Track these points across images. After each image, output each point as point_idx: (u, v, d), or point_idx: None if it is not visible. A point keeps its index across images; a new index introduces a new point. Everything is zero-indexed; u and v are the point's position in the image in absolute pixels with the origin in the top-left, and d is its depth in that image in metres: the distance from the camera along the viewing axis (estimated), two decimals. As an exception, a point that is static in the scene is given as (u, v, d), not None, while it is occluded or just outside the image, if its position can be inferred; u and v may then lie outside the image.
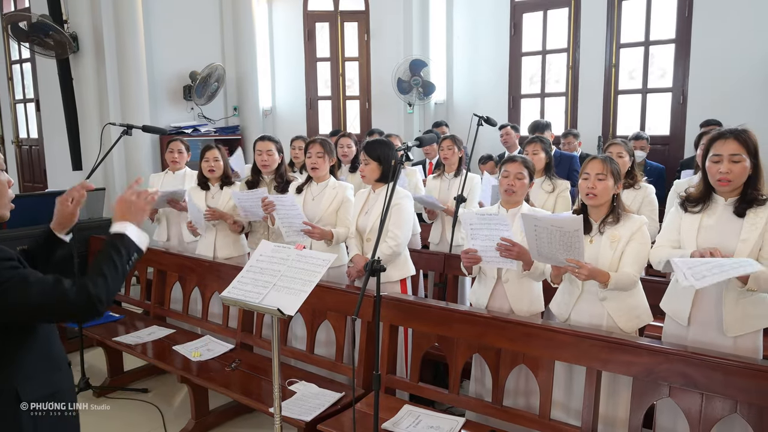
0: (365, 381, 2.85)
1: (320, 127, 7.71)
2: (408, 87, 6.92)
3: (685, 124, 6.01)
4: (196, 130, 6.90)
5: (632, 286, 2.44)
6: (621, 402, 2.39)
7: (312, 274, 2.24)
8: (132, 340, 3.63)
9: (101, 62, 6.34)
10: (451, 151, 4.15)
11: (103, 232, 4.86)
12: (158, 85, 6.76)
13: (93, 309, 1.48)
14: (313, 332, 3.17)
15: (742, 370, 2.00)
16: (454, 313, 2.69)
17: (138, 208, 1.69)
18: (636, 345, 2.23)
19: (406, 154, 2.40)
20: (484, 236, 2.64)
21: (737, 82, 5.59)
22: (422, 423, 2.48)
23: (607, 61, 6.41)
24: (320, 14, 7.57)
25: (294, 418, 2.57)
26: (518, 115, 7.04)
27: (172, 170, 4.28)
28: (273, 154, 3.73)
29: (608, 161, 2.50)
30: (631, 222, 2.47)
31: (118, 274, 1.55)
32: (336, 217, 3.38)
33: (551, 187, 3.71)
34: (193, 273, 3.83)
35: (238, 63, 7.42)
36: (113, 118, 6.12)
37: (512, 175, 2.77)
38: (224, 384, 3.02)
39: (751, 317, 2.22)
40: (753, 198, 2.19)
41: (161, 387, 3.85)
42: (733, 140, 2.17)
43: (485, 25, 7.13)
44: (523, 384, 2.70)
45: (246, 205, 3.57)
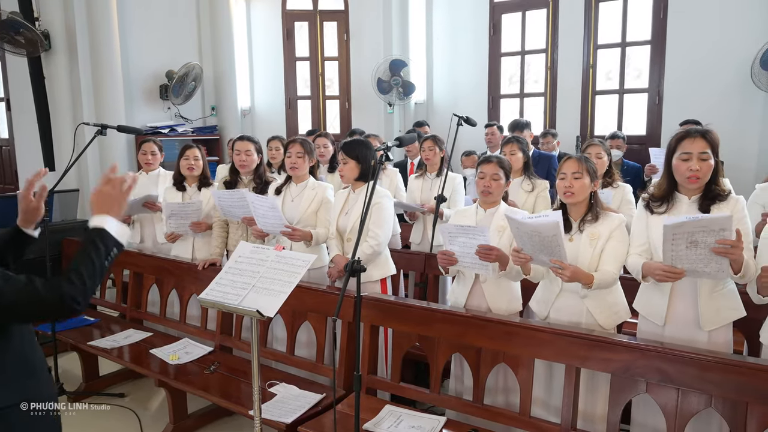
0: (346, 382, 2.84)
1: (300, 127, 7.67)
2: (388, 87, 6.92)
3: (660, 123, 6.11)
4: (173, 130, 6.81)
5: (613, 283, 2.47)
6: (600, 398, 2.42)
7: (292, 275, 2.22)
8: (108, 344, 3.56)
9: (74, 61, 6.22)
10: (433, 151, 4.16)
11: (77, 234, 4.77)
12: (134, 85, 6.66)
13: (67, 308, 1.43)
14: (294, 333, 3.15)
15: (716, 365, 2.03)
16: (435, 312, 2.69)
17: (116, 198, 1.60)
18: (613, 342, 2.26)
19: (385, 153, 2.39)
20: (461, 243, 2.66)
21: (711, 82, 5.71)
22: (403, 423, 2.48)
23: (585, 62, 6.50)
24: (299, 13, 7.53)
25: (274, 420, 2.54)
26: (497, 115, 7.08)
27: (145, 171, 4.21)
28: (252, 155, 3.69)
29: (583, 160, 2.53)
30: (610, 220, 2.50)
31: (95, 272, 1.49)
32: (316, 218, 3.36)
33: (531, 187, 3.74)
34: (170, 275, 3.78)
35: (215, 62, 7.35)
36: (87, 118, 6.01)
37: (488, 176, 2.79)
38: (203, 387, 2.98)
39: (724, 309, 2.27)
40: (716, 194, 2.26)
41: (138, 391, 3.78)
42: (701, 139, 2.24)
43: (465, 25, 7.16)
44: (503, 382, 2.71)
45: (225, 204, 3.53)
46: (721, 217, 2.02)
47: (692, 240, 2.04)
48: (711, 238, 2.02)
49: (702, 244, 2.04)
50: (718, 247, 2.02)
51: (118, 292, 4.21)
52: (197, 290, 3.31)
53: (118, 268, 4.20)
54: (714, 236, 2.01)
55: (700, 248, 2.05)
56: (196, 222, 3.71)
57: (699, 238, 2.03)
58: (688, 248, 2.06)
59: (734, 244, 2.00)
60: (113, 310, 4.34)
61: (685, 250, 2.07)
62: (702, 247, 2.04)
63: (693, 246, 2.05)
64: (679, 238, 2.06)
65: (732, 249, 2.01)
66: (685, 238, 2.05)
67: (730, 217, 2.02)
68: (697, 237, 2.03)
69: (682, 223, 2.03)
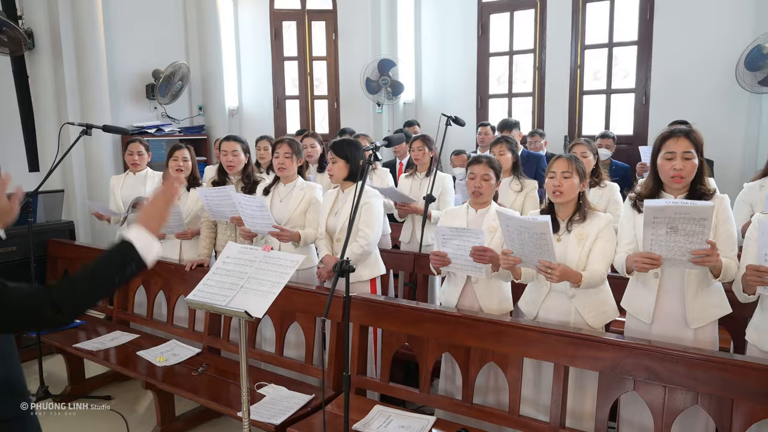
0: (335, 382, 2.83)
1: (288, 127, 7.63)
2: (377, 87, 6.91)
3: (647, 123, 6.16)
4: (159, 130, 6.74)
5: (601, 283, 2.48)
6: (588, 396, 2.43)
7: (280, 275, 2.21)
8: (94, 346, 3.52)
9: (58, 60, 6.13)
10: (422, 151, 4.16)
11: (62, 235, 4.72)
12: (119, 84, 6.57)
13: (48, 318, 1.33)
14: (282, 334, 3.13)
15: (702, 363, 2.05)
16: (424, 312, 2.69)
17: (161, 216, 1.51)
18: (601, 340, 2.27)
19: (374, 153, 2.39)
20: (455, 245, 2.66)
21: (697, 82, 5.76)
22: (393, 423, 2.48)
23: (573, 62, 6.53)
24: (287, 13, 7.50)
25: (263, 421, 2.53)
26: (486, 115, 7.10)
27: (132, 172, 4.17)
28: (239, 155, 3.66)
29: (573, 160, 2.54)
30: (598, 219, 2.51)
31: (96, 284, 1.38)
32: (305, 218, 3.34)
33: (519, 187, 3.75)
34: (157, 276, 3.74)
35: (203, 61, 7.28)
36: (72, 118, 5.91)
37: (478, 177, 2.79)
38: (191, 389, 2.96)
39: (710, 307, 2.30)
40: (701, 193, 2.28)
41: (125, 394, 3.75)
42: (685, 139, 2.27)
43: (453, 25, 7.17)
44: (494, 381, 2.72)
45: (213, 203, 3.50)
46: (703, 205, 2.04)
47: (672, 226, 2.07)
48: (691, 226, 2.04)
49: (682, 231, 2.06)
50: (695, 258, 2.07)
51: (104, 293, 4.16)
52: (185, 291, 3.28)
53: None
54: (694, 224, 2.04)
55: (679, 235, 2.07)
56: (181, 233, 3.70)
57: (679, 225, 2.06)
58: (668, 234, 2.08)
59: (709, 253, 2.05)
60: (99, 311, 4.29)
61: (665, 236, 2.09)
62: (682, 234, 2.06)
63: (673, 232, 2.07)
64: (660, 222, 2.08)
65: (707, 257, 2.06)
66: (666, 223, 2.07)
67: (712, 206, 2.04)
68: (678, 224, 2.06)
69: (664, 207, 2.05)
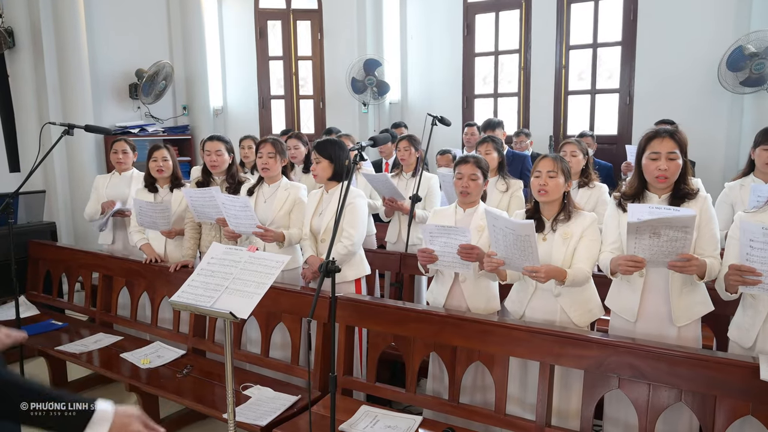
0: (322, 383, 2.82)
1: (273, 127, 7.59)
2: (362, 86, 6.90)
3: (631, 123, 6.21)
4: (143, 129, 6.67)
5: (586, 281, 2.49)
6: (573, 395, 2.44)
7: (265, 276, 2.19)
8: (77, 348, 3.47)
9: (39, 58, 6.03)
10: (408, 151, 4.15)
11: (43, 236, 4.65)
12: (102, 83, 6.49)
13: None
14: (268, 335, 3.12)
15: (685, 361, 2.08)
16: (410, 312, 2.69)
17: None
18: (586, 339, 2.28)
19: (360, 153, 2.38)
20: (442, 243, 2.66)
21: (680, 83, 5.83)
22: (379, 423, 2.47)
23: (558, 63, 6.57)
24: (272, 12, 7.46)
25: (249, 423, 2.51)
26: (472, 115, 7.12)
27: (118, 171, 4.13)
28: (222, 155, 3.63)
29: (559, 159, 2.55)
30: (582, 219, 2.53)
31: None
32: (289, 218, 3.33)
33: (505, 187, 3.76)
34: (141, 277, 3.70)
35: (187, 61, 7.21)
36: (53, 117, 5.83)
37: (466, 177, 2.80)
38: (176, 391, 2.93)
39: (695, 305, 2.33)
40: (685, 193, 2.30)
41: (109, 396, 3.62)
42: (669, 139, 2.28)
43: (439, 25, 7.18)
44: (481, 380, 2.73)
45: (198, 204, 3.47)
46: (684, 215, 2.07)
47: (655, 231, 2.10)
48: (674, 232, 2.08)
49: (665, 237, 2.09)
50: (676, 266, 2.12)
51: (87, 295, 4.11)
52: (169, 293, 3.25)
53: (86, 270, 4.09)
54: (677, 231, 2.07)
55: (662, 240, 2.10)
56: (166, 231, 3.67)
57: (662, 231, 2.09)
58: (651, 238, 2.11)
59: (689, 257, 2.09)
60: (82, 314, 4.23)
61: (648, 240, 2.12)
62: (664, 239, 2.09)
63: (656, 236, 2.11)
64: (643, 229, 2.11)
65: (688, 265, 2.09)
66: (649, 230, 2.10)
67: (694, 216, 2.07)
68: (661, 229, 2.09)
69: (647, 221, 2.08)
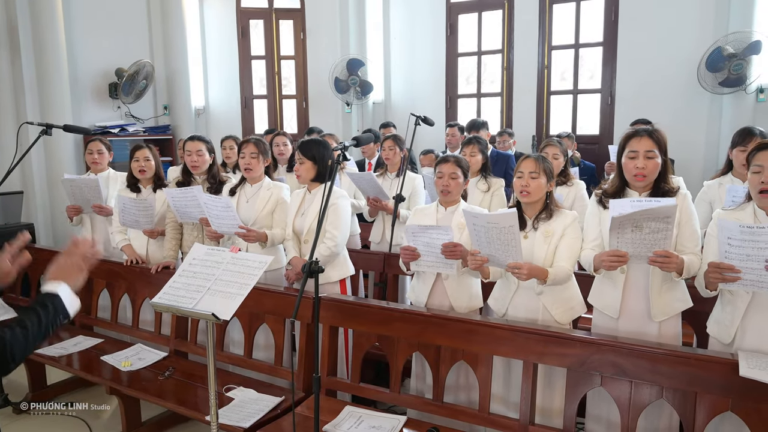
0: (305, 384, 2.81)
1: (256, 127, 7.55)
2: (345, 86, 6.89)
3: (613, 123, 6.29)
4: (123, 129, 6.59)
5: (567, 279, 2.51)
6: (556, 393, 2.46)
7: (248, 277, 2.17)
8: (56, 351, 3.41)
9: (16, 57, 5.93)
10: (393, 151, 4.16)
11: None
12: (81, 83, 6.40)
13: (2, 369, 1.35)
14: (251, 336, 3.09)
15: (666, 357, 2.10)
16: (394, 312, 2.68)
17: (75, 268, 1.55)
18: (569, 337, 2.30)
19: (343, 153, 2.37)
20: (424, 243, 2.67)
21: (661, 82, 5.92)
22: (364, 423, 2.46)
23: (540, 63, 6.62)
24: (254, 11, 7.42)
25: (232, 425, 2.49)
26: (455, 115, 7.14)
27: (94, 172, 4.06)
28: (203, 155, 3.60)
29: (541, 160, 2.57)
30: (563, 217, 2.55)
31: (40, 332, 1.42)
32: (272, 218, 3.31)
33: (486, 187, 3.78)
34: (122, 279, 3.65)
35: (167, 60, 7.14)
36: (31, 117, 5.74)
37: (446, 176, 2.81)
38: (157, 393, 2.89)
39: (674, 301, 2.36)
40: (665, 191, 2.33)
41: (89, 400, 3.63)
42: (648, 138, 2.31)
43: (422, 25, 7.20)
44: (465, 380, 2.73)
45: (180, 204, 3.43)
46: (666, 205, 2.09)
47: (637, 224, 2.12)
48: (655, 223, 2.10)
49: (647, 229, 2.12)
50: (656, 262, 2.14)
51: (66, 297, 4.03)
52: (150, 294, 3.21)
53: (65, 272, 4.02)
54: (658, 222, 2.10)
55: (644, 233, 2.13)
56: (149, 230, 3.62)
57: (644, 223, 2.11)
58: (633, 232, 2.14)
59: (668, 254, 2.11)
60: (61, 316, 4.16)
61: (630, 234, 2.14)
62: (646, 232, 2.12)
63: (638, 230, 2.13)
64: (625, 224, 2.13)
65: (668, 261, 2.12)
66: (631, 223, 2.12)
67: (675, 206, 2.10)
68: (642, 222, 2.11)
69: (629, 215, 2.10)
